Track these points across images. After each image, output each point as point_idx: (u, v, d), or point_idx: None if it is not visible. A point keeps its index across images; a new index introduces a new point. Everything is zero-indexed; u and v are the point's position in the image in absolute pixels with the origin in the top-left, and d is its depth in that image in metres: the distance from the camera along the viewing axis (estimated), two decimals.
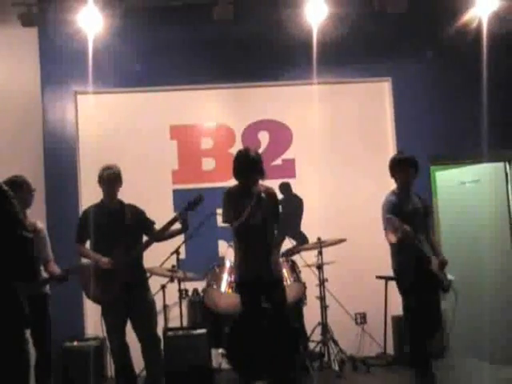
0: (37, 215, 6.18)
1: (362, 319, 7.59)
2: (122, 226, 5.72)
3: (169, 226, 5.74)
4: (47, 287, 5.86)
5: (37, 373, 5.56)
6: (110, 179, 5.81)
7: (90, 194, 7.67)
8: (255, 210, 5.55)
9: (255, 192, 5.57)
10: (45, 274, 5.77)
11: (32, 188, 5.77)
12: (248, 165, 5.65)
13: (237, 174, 5.73)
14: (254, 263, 5.60)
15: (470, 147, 7.86)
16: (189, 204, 5.75)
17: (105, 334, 5.80)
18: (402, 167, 6.09)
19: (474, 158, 8.03)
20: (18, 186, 5.47)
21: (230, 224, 5.73)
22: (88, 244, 5.89)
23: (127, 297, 5.58)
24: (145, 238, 5.88)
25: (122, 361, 5.73)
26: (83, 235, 5.83)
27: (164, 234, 5.81)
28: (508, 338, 7.76)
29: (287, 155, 7.91)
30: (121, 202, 5.88)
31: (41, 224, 5.94)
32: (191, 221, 5.83)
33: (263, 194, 5.58)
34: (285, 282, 6.11)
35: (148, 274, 5.96)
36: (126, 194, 5.96)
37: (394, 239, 5.82)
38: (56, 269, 5.79)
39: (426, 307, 5.93)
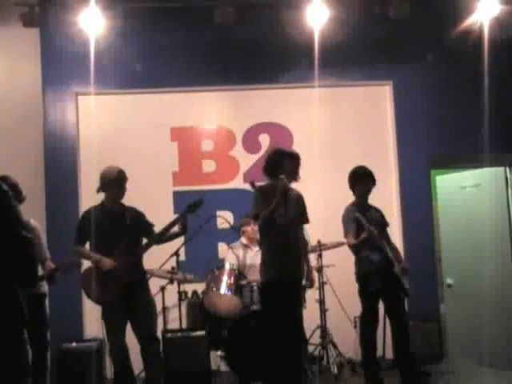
0: (37, 216, 6.18)
1: None
2: (122, 228, 5.70)
3: (169, 229, 5.74)
4: (45, 287, 5.85)
5: (32, 373, 5.55)
6: (125, 180, 5.82)
7: (90, 195, 7.65)
8: (280, 206, 5.55)
9: (280, 190, 5.55)
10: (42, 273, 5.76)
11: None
12: (276, 163, 5.71)
13: (265, 171, 5.78)
14: (281, 263, 5.59)
15: (471, 151, 7.86)
16: (189, 207, 5.74)
17: (104, 335, 5.78)
18: (359, 180, 6.26)
19: (475, 163, 8.02)
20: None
21: (255, 219, 5.77)
22: (87, 246, 5.88)
23: (127, 298, 5.56)
24: (144, 241, 5.87)
25: (122, 362, 5.71)
26: (83, 236, 5.80)
27: (163, 237, 5.81)
28: (506, 342, 7.74)
29: None
30: (122, 204, 5.87)
31: (34, 222, 5.89)
32: (191, 223, 5.82)
33: (290, 193, 5.61)
34: None
35: (148, 276, 5.96)
36: (126, 196, 5.95)
37: (353, 241, 6.02)
38: (52, 267, 5.77)
39: (393, 311, 6.11)
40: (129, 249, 5.65)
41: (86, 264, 5.87)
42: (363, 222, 5.90)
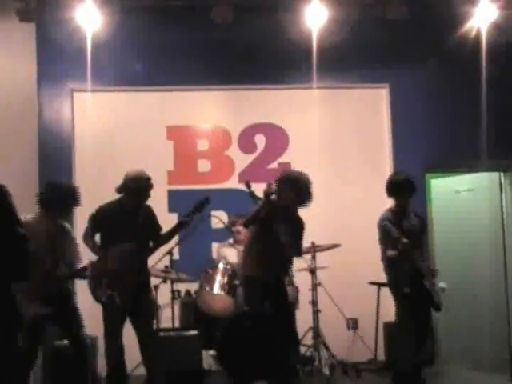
0: (31, 212, 6.14)
1: (353, 324, 7.59)
2: (134, 227, 5.64)
3: (176, 232, 5.79)
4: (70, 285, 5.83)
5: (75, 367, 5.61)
6: (151, 188, 5.79)
7: (84, 192, 7.63)
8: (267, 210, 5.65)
9: (266, 190, 5.66)
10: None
11: None
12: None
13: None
14: (264, 265, 5.73)
15: (466, 156, 7.88)
16: (195, 207, 5.74)
17: (96, 334, 5.76)
18: (398, 191, 6.10)
19: (470, 167, 8.05)
20: None
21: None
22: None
23: (133, 298, 5.54)
24: None
25: (117, 361, 5.68)
26: (94, 230, 5.76)
27: (170, 238, 5.83)
28: (498, 346, 7.76)
29: (283, 159, 7.91)
30: (137, 205, 5.81)
31: (68, 225, 5.89)
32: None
33: (273, 196, 5.67)
34: None
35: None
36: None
37: (393, 253, 5.86)
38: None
39: (418, 318, 5.99)
40: (138, 249, 5.64)
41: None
42: (392, 232, 5.76)
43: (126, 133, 7.86)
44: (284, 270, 6.08)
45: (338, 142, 7.97)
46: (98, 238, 5.81)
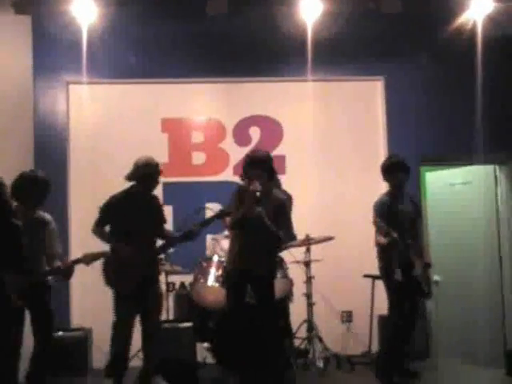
0: None
1: (347, 317, 7.61)
2: (146, 218, 5.69)
3: (183, 239, 5.84)
4: (49, 279, 5.80)
5: (34, 363, 5.54)
6: (160, 174, 5.88)
7: (79, 185, 7.71)
8: (252, 205, 5.55)
9: (252, 189, 5.54)
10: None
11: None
12: (252, 164, 5.72)
13: (244, 174, 5.81)
14: (246, 255, 5.64)
15: (461, 149, 7.88)
16: (208, 219, 5.89)
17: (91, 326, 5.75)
18: (392, 172, 6.20)
19: (465, 160, 8.05)
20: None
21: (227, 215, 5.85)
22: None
23: (143, 290, 5.59)
24: None
25: (122, 351, 5.66)
26: (105, 219, 5.75)
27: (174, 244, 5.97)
28: (492, 339, 7.78)
29: (278, 151, 7.89)
30: (150, 193, 5.87)
31: (49, 216, 5.84)
32: (181, 214, 5.86)
33: (258, 194, 5.52)
34: None
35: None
36: (115, 185, 5.94)
37: (383, 241, 5.94)
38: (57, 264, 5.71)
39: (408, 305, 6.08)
40: (150, 240, 5.67)
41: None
42: (381, 227, 5.83)
43: (121, 125, 7.85)
44: (271, 260, 5.91)
45: (332, 134, 7.96)
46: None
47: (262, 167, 5.72)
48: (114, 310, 5.65)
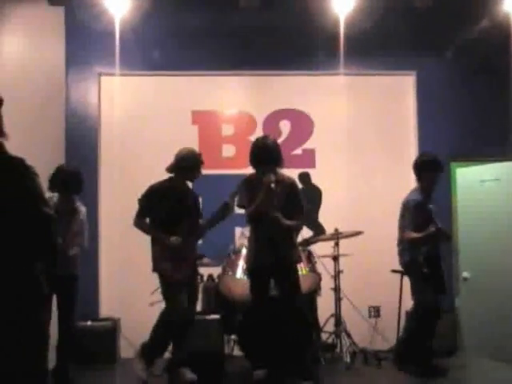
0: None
1: (375, 313, 7.59)
2: (185, 208, 5.77)
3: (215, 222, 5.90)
4: (77, 269, 5.87)
5: (58, 351, 5.61)
6: (202, 165, 5.96)
7: (110, 176, 7.75)
8: (266, 198, 5.54)
9: (266, 181, 5.53)
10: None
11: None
12: (264, 153, 5.68)
13: (252, 161, 5.76)
14: (266, 249, 5.60)
15: (492, 145, 7.82)
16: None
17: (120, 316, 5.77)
18: (426, 171, 6.19)
19: (496, 156, 7.97)
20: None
21: (243, 207, 5.80)
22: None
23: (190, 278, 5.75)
24: None
25: (183, 324, 5.70)
26: (146, 211, 5.79)
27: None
28: None
29: (308, 145, 7.90)
30: (186, 185, 5.94)
31: (82, 207, 5.95)
32: (211, 207, 5.88)
33: (273, 185, 5.52)
34: (300, 272, 6.07)
35: None
36: (145, 177, 5.97)
37: (414, 235, 5.97)
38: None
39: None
40: (190, 230, 5.74)
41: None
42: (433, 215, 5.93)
43: (152, 117, 7.89)
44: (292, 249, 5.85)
45: (363, 128, 7.94)
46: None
47: (270, 156, 5.68)
48: (169, 299, 5.64)
